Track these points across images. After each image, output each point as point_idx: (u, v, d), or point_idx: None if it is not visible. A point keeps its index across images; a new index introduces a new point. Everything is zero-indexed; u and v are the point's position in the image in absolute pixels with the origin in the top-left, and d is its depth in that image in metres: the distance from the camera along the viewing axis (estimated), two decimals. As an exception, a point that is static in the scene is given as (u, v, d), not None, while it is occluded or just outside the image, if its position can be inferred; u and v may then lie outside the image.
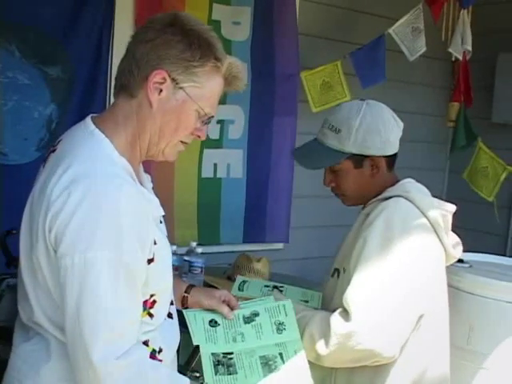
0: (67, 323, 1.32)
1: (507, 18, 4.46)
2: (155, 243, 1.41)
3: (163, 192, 2.54)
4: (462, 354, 3.14)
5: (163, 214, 1.53)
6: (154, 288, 1.43)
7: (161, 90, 1.44)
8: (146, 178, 1.61)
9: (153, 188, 1.62)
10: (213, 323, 1.77)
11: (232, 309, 1.81)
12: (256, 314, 1.82)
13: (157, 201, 1.51)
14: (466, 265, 3.38)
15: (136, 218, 1.35)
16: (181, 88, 1.44)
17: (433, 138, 4.71)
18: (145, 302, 1.42)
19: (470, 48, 3.76)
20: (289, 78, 3.71)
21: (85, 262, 1.28)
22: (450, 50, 3.72)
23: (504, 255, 3.88)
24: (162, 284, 1.49)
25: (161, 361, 1.46)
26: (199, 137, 1.54)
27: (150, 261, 1.39)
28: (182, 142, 1.52)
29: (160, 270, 1.45)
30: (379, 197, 1.95)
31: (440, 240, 1.95)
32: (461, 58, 3.79)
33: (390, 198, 1.91)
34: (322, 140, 1.96)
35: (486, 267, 3.45)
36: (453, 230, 2.07)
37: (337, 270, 1.98)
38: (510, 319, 3.07)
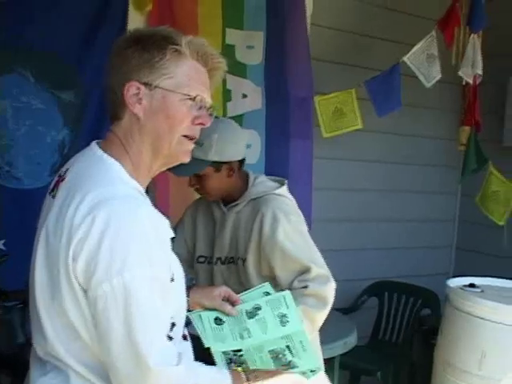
0: (115, 350, 1.31)
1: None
2: (171, 263, 1.42)
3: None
4: (473, 379, 3.12)
5: (173, 235, 1.53)
6: (173, 309, 1.43)
7: (140, 100, 1.44)
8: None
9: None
10: (218, 321, 1.78)
11: (233, 304, 1.81)
12: (258, 308, 1.83)
13: (168, 222, 1.52)
14: (478, 289, 3.37)
15: (159, 236, 1.36)
16: (156, 87, 1.44)
17: (445, 161, 4.72)
18: None
19: (480, 72, 3.76)
20: (303, 102, 3.72)
21: (124, 284, 1.29)
22: (461, 73, 3.72)
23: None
24: (180, 305, 1.50)
25: None
26: (203, 124, 1.52)
27: (172, 279, 1.40)
28: (185, 136, 1.50)
29: (179, 289, 1.46)
30: (247, 198, 2.33)
31: None
32: (471, 81, 3.79)
33: (261, 197, 2.32)
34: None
35: (498, 292, 3.43)
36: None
37: (231, 259, 2.36)
38: (524, 344, 3.06)
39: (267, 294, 1.91)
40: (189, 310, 1.77)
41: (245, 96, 3.60)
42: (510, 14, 4.50)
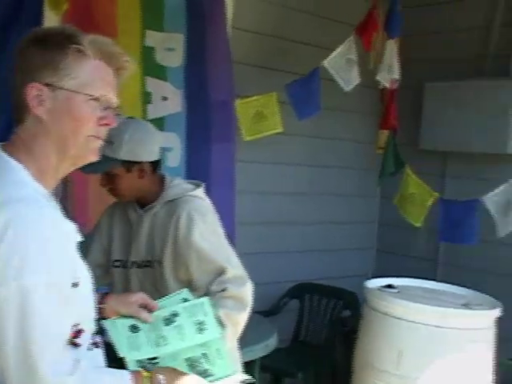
0: (8, 357, 1.28)
1: (434, 48, 4.61)
2: (76, 268, 1.39)
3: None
4: (391, 379, 3.18)
5: (81, 239, 1.49)
6: (78, 315, 1.39)
7: (43, 101, 1.40)
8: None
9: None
10: (134, 329, 1.75)
11: (151, 311, 1.78)
12: (176, 315, 1.80)
13: (73, 226, 1.48)
14: (395, 290, 3.44)
15: (61, 240, 1.34)
16: (59, 88, 1.40)
17: (364, 164, 4.81)
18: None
19: (397, 76, 3.86)
20: (224, 105, 3.70)
21: (19, 289, 1.26)
22: (378, 78, 3.80)
23: (434, 280, 3.96)
24: (86, 311, 1.46)
25: None
26: (108, 124, 1.48)
27: (75, 285, 1.36)
28: (93, 137, 1.46)
29: (84, 294, 1.43)
30: (163, 200, 2.32)
31: None
32: (388, 86, 3.88)
33: (177, 199, 2.31)
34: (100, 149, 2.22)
35: (415, 292, 3.52)
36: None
37: (148, 262, 2.33)
38: (439, 343, 3.13)
39: (185, 300, 1.89)
40: (104, 318, 1.74)
41: (165, 99, 3.56)
42: (426, 22, 4.63)
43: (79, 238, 1.44)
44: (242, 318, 2.22)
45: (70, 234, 1.40)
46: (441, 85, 4.43)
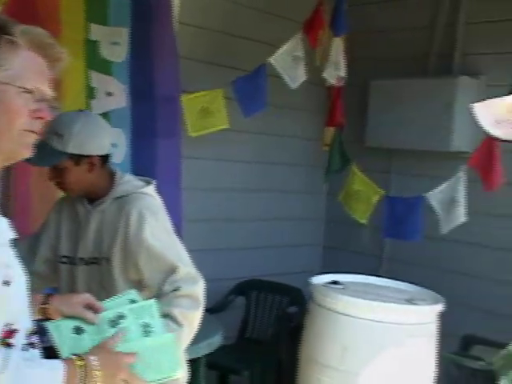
0: None
1: (380, 47, 4.66)
2: (8, 266, 1.35)
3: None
4: (335, 374, 3.20)
5: (13, 236, 1.44)
6: (11, 315, 1.35)
7: None
8: None
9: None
10: (78, 331, 1.71)
11: (96, 312, 1.75)
12: (121, 317, 1.77)
13: (6, 222, 1.43)
14: (340, 286, 3.46)
15: None
16: None
17: (311, 161, 4.83)
18: None
19: (343, 74, 3.89)
20: (170, 101, 3.67)
21: None
22: (324, 75, 3.82)
23: (379, 276, 4.00)
24: (19, 310, 1.42)
25: None
26: (42, 118, 1.43)
27: (6, 283, 1.32)
28: (27, 131, 1.41)
29: (17, 293, 1.38)
30: (112, 196, 2.29)
31: None
32: (335, 83, 3.90)
33: (127, 196, 2.28)
34: (48, 142, 2.21)
35: (360, 288, 3.55)
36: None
37: (95, 259, 2.29)
38: (382, 338, 3.16)
39: (133, 301, 1.85)
40: (48, 319, 1.70)
41: (109, 94, 3.52)
42: (371, 20, 4.68)
43: (12, 234, 1.39)
44: (197, 317, 2.21)
45: (2, 230, 1.36)
46: (386, 83, 4.47)
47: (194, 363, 2.83)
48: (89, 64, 3.44)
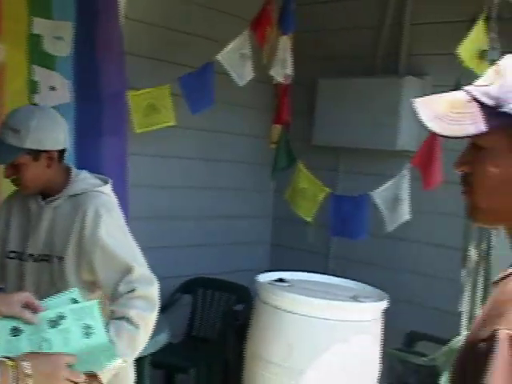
0: None
1: (327, 46, 4.69)
2: None
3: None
4: (281, 371, 3.21)
5: None
6: None
7: None
8: None
9: None
10: (15, 332, 1.67)
11: (35, 311, 1.72)
12: (62, 317, 1.74)
13: None
14: (286, 284, 3.48)
15: None
16: None
17: (259, 159, 4.83)
18: None
19: (290, 72, 3.89)
20: (116, 97, 3.61)
21: None
22: (272, 73, 3.83)
23: (325, 273, 4.03)
24: None
25: None
26: None
27: None
28: None
29: None
30: (67, 193, 2.25)
31: None
32: (282, 81, 3.91)
33: (83, 194, 2.25)
34: (4, 139, 2.20)
35: (306, 285, 3.57)
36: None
37: (45, 256, 2.24)
38: (327, 335, 3.19)
39: (75, 301, 1.82)
40: None
41: (53, 89, 3.44)
42: (319, 19, 4.71)
43: None
44: (153, 319, 2.20)
45: None
46: (333, 82, 4.51)
47: (139, 362, 2.80)
48: (31, 58, 3.36)
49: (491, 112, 1.04)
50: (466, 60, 3.25)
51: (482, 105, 1.05)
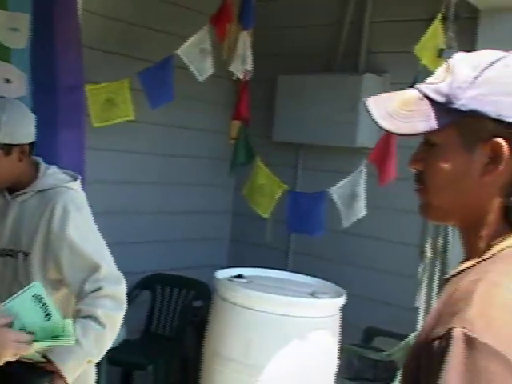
0: None
1: (288, 42, 4.69)
2: None
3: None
4: (240, 368, 3.21)
5: None
6: None
7: None
8: None
9: None
10: None
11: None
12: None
13: None
14: (244, 280, 3.47)
15: None
16: None
17: (218, 154, 4.81)
18: None
19: (249, 68, 3.89)
20: (73, 91, 3.56)
21: None
22: (231, 68, 3.82)
23: (285, 269, 4.04)
24: None
25: None
26: None
27: None
28: None
29: None
30: (35, 188, 2.22)
31: None
32: (241, 77, 3.91)
33: (51, 189, 2.22)
34: None
35: (265, 282, 3.57)
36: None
37: (10, 251, 2.20)
38: (285, 332, 3.20)
39: (37, 297, 1.77)
40: None
41: (8, 81, 3.38)
42: (280, 16, 4.71)
43: None
44: (120, 318, 2.20)
45: None
46: (293, 78, 4.51)
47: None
48: (-14, 50, 3.30)
49: (442, 109, 1.05)
50: (423, 58, 3.29)
51: (434, 102, 1.06)
